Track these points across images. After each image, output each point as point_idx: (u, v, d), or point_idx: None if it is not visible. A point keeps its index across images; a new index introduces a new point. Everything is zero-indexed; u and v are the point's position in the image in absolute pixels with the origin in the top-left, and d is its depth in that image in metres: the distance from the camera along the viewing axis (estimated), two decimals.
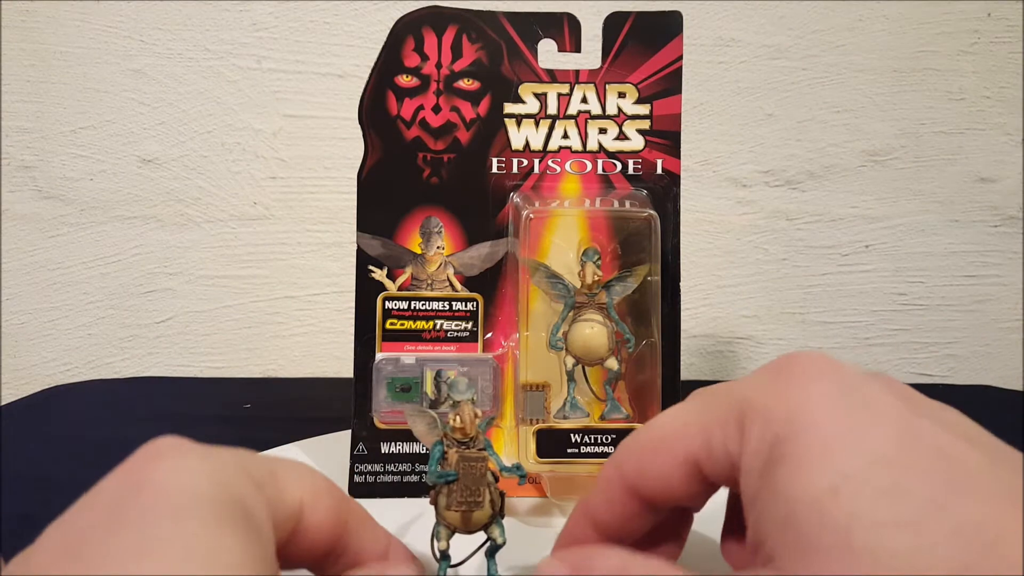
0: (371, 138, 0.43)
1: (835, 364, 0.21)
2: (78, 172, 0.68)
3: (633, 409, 0.41)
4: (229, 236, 0.69)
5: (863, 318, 0.71)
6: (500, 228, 0.43)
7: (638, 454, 0.24)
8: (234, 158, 0.68)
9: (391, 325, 0.43)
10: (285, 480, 0.23)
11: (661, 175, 0.43)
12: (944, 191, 0.69)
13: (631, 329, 0.41)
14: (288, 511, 0.23)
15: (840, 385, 0.20)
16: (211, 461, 0.21)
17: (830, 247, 0.70)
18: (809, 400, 0.20)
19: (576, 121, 0.43)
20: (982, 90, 0.68)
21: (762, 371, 0.22)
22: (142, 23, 0.67)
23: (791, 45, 0.68)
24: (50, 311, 0.70)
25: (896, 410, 0.19)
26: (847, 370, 0.21)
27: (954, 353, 0.71)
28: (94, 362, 0.70)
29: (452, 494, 0.29)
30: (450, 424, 0.30)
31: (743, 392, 0.21)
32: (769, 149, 0.69)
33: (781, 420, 0.20)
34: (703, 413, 0.23)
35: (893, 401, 0.19)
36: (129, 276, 0.69)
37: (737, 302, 0.71)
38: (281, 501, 0.23)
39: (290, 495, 0.23)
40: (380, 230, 0.43)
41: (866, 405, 0.19)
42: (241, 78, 0.67)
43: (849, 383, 0.20)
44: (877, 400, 0.19)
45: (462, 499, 0.30)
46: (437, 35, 0.42)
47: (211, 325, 0.70)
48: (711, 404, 0.23)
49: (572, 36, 0.43)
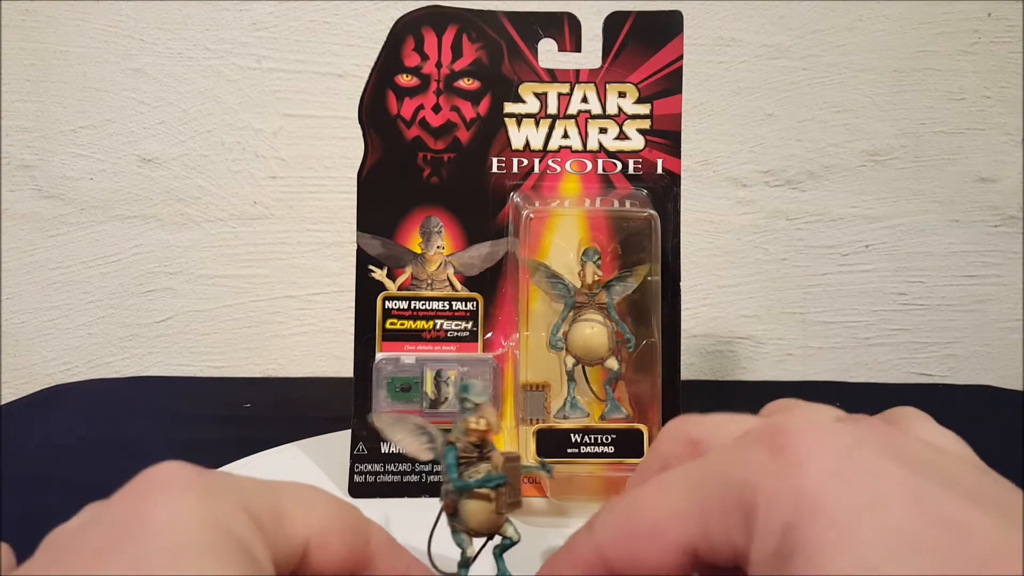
0: (371, 138, 0.43)
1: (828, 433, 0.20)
2: (78, 171, 0.68)
3: (633, 409, 0.41)
4: (229, 235, 0.69)
5: (863, 318, 0.71)
6: (500, 228, 0.43)
7: (625, 540, 0.22)
8: (234, 157, 0.68)
9: (391, 325, 0.43)
10: (291, 515, 0.23)
11: (661, 175, 0.43)
12: (944, 191, 0.69)
13: (631, 329, 0.41)
14: (291, 550, 0.22)
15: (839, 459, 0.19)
16: (210, 499, 0.21)
17: (830, 247, 0.70)
18: (813, 484, 0.19)
19: (576, 121, 0.43)
20: (982, 90, 0.68)
21: (754, 447, 0.21)
22: (142, 22, 0.67)
23: (791, 45, 0.68)
24: (50, 310, 0.70)
25: (899, 479, 0.19)
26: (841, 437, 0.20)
27: (954, 353, 0.71)
28: (94, 361, 0.70)
29: (500, 497, 0.28)
30: (467, 427, 0.29)
31: (740, 475, 0.20)
32: (769, 149, 0.69)
33: (788, 508, 0.19)
34: (696, 497, 0.21)
35: (894, 468, 0.19)
36: (129, 275, 0.69)
37: (737, 302, 0.71)
38: (284, 540, 0.22)
39: (295, 532, 0.22)
40: (380, 230, 0.43)
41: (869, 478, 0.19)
42: (241, 77, 0.67)
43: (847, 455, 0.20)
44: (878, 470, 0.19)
45: (511, 501, 0.29)
46: (437, 35, 0.42)
47: (211, 324, 0.70)
48: (703, 488, 0.21)
49: (572, 36, 0.42)
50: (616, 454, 0.40)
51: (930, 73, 0.68)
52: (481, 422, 0.29)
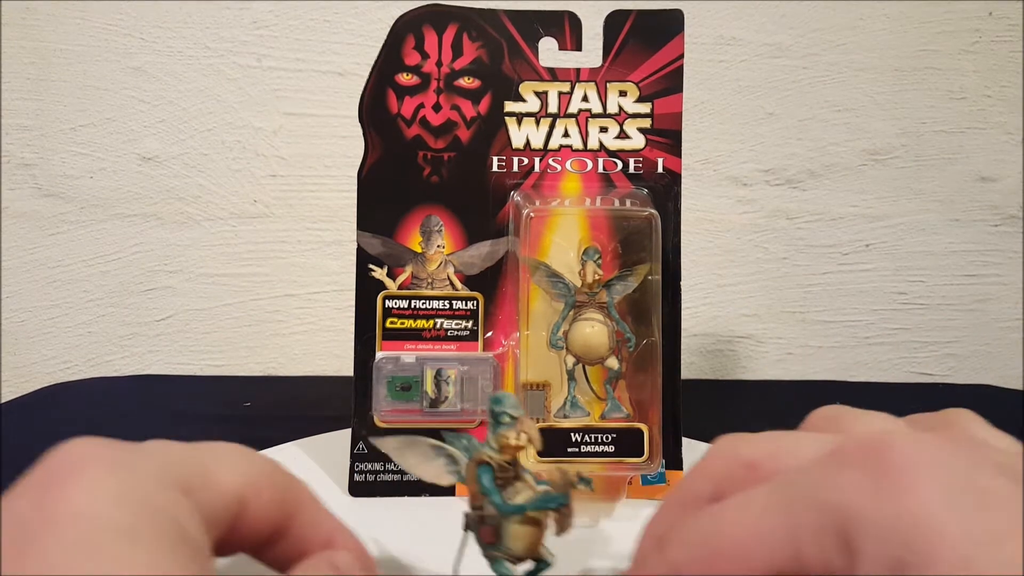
0: (371, 136, 0.43)
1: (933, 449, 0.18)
2: (78, 170, 0.68)
3: (633, 408, 0.41)
4: (229, 234, 0.69)
5: (863, 317, 0.71)
6: (500, 227, 0.43)
7: (706, 562, 0.21)
8: (234, 156, 0.68)
9: (391, 324, 0.43)
10: (219, 473, 0.22)
11: (662, 174, 0.43)
12: (944, 190, 0.69)
13: (631, 328, 0.41)
14: (223, 506, 0.22)
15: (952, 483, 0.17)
16: (125, 474, 0.20)
17: (830, 246, 0.70)
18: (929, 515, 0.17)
19: (577, 119, 0.43)
20: (983, 89, 0.68)
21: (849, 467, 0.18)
22: (142, 21, 0.67)
23: (792, 44, 0.68)
24: (50, 309, 0.70)
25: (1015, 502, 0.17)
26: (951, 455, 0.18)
27: (954, 352, 0.71)
28: (94, 360, 0.70)
29: (566, 518, 0.26)
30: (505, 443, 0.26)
31: (837, 498, 0.18)
32: (770, 148, 0.69)
33: (900, 542, 0.17)
34: (785, 521, 0.19)
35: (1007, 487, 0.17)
36: (129, 274, 0.69)
37: (737, 301, 0.70)
38: (215, 498, 0.22)
39: (226, 486, 0.22)
40: (380, 228, 0.43)
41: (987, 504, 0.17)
42: (241, 76, 0.67)
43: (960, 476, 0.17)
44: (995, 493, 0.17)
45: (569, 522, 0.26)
46: (437, 33, 0.42)
47: (211, 323, 0.70)
48: (793, 510, 0.19)
49: (573, 34, 0.42)
50: (616, 453, 0.40)
51: (931, 72, 0.68)
52: (523, 438, 0.26)
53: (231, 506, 0.22)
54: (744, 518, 0.20)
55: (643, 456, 0.40)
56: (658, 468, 0.41)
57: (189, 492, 0.21)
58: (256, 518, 0.23)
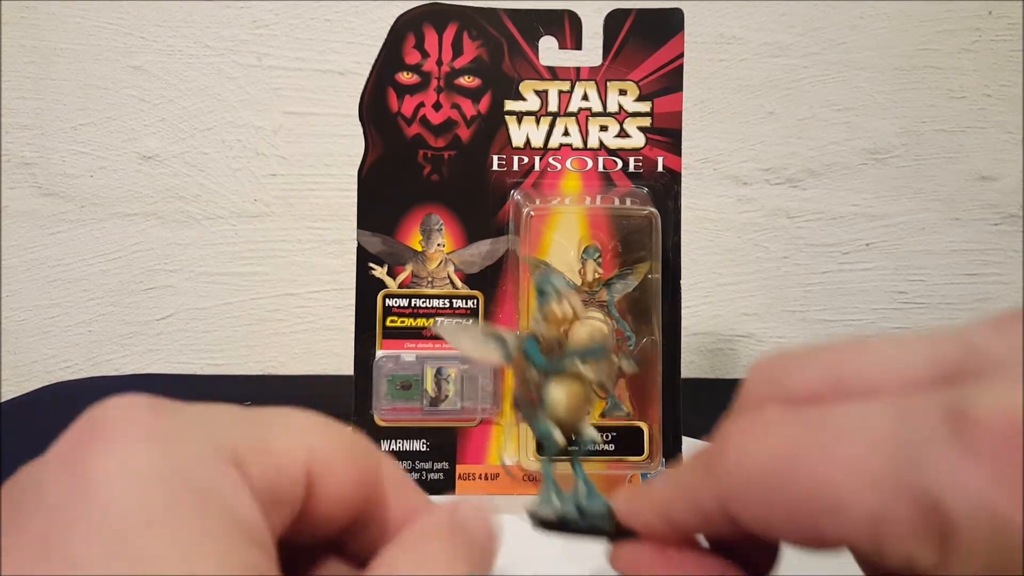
0: (371, 135, 0.43)
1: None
2: (78, 169, 0.68)
3: (633, 407, 0.41)
4: (229, 233, 0.69)
5: (863, 316, 0.71)
6: (501, 225, 0.43)
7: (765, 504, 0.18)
8: (234, 155, 0.68)
9: (391, 322, 0.43)
10: (282, 441, 0.18)
11: (662, 173, 0.43)
12: (945, 189, 0.69)
13: (632, 327, 0.41)
14: (289, 482, 0.18)
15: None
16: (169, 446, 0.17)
17: (831, 245, 0.70)
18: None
19: (577, 118, 0.43)
20: (983, 88, 0.68)
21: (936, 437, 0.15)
22: (143, 20, 0.67)
23: (792, 43, 0.68)
24: (50, 308, 0.70)
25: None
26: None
27: None
28: (94, 359, 0.70)
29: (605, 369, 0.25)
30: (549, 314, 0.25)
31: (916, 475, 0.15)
32: (770, 147, 0.69)
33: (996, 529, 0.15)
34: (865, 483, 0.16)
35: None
36: (129, 273, 0.69)
37: (738, 300, 0.70)
38: (276, 472, 0.18)
39: (290, 459, 0.18)
40: (380, 227, 0.43)
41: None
42: (242, 75, 0.67)
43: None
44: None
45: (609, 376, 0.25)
46: (438, 32, 0.42)
47: (211, 322, 0.70)
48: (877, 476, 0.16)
49: (573, 33, 0.42)
50: (616, 452, 0.40)
51: (931, 71, 0.68)
52: (565, 305, 0.25)
53: (296, 483, 0.18)
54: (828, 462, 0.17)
55: (643, 455, 0.40)
56: (658, 467, 0.41)
57: (244, 466, 0.18)
58: (330, 499, 0.19)
